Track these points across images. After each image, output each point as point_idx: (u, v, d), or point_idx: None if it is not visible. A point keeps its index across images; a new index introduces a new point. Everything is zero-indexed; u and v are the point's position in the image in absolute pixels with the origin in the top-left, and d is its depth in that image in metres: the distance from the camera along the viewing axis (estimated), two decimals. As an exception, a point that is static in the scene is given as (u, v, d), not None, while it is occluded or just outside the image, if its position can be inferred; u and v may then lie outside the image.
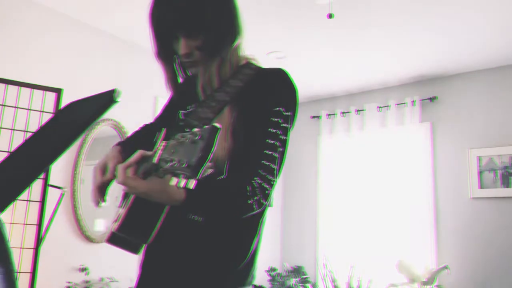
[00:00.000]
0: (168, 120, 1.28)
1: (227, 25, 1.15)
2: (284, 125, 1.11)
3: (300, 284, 4.70)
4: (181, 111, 1.22)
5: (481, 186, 4.11)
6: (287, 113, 1.12)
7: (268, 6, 3.38)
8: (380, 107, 4.76)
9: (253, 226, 1.16)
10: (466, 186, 4.19)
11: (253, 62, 1.21)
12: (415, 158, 4.48)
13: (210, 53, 1.13)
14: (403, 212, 4.43)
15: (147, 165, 0.92)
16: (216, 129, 0.79)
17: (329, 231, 4.88)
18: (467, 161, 4.22)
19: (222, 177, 1.07)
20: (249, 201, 1.03)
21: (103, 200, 1.16)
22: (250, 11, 3.46)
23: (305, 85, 4.92)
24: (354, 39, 3.85)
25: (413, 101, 4.55)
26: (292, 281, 4.72)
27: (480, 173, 4.13)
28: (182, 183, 0.80)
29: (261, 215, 1.17)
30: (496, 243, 3.97)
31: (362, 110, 4.88)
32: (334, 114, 5.06)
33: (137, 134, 1.35)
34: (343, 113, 5.00)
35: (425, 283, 3.88)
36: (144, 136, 1.31)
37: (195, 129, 0.81)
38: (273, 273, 4.80)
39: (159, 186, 0.93)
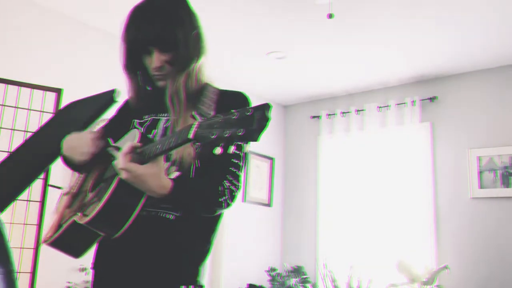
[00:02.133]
0: (121, 124, 1.39)
1: (195, 44, 1.29)
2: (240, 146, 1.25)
3: (300, 284, 4.70)
4: (135, 120, 1.35)
5: (481, 186, 4.11)
6: None
7: (268, 6, 3.38)
8: (380, 107, 4.76)
9: (213, 226, 1.30)
10: (466, 186, 4.19)
11: (211, 84, 1.34)
12: (415, 158, 4.48)
13: (179, 67, 1.27)
14: (403, 212, 4.43)
15: (178, 138, 0.99)
16: (269, 106, 0.88)
17: (329, 231, 4.88)
18: (467, 161, 4.21)
19: (190, 176, 1.21)
20: (220, 199, 1.19)
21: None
22: (250, 11, 3.46)
23: (305, 85, 4.92)
24: (354, 39, 3.85)
25: (413, 101, 4.55)
26: (292, 281, 4.72)
27: (480, 173, 4.13)
28: (231, 149, 0.87)
29: (219, 216, 1.31)
30: (496, 243, 3.97)
31: (362, 110, 4.87)
32: (334, 114, 5.06)
33: (105, 127, 1.46)
34: (343, 113, 5.00)
35: (425, 283, 3.88)
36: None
37: (239, 109, 0.90)
38: (273, 273, 4.80)
39: (155, 170, 1.07)
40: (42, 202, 2.81)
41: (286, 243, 5.22)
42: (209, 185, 1.20)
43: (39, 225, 2.79)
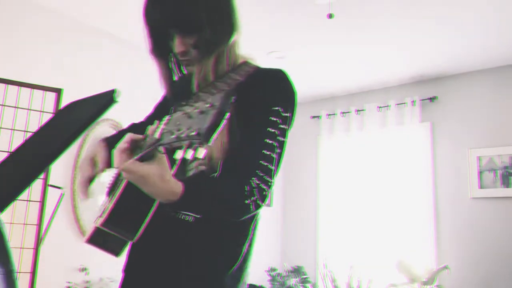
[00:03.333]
0: (158, 118, 1.26)
1: (222, 22, 1.12)
2: (282, 126, 1.08)
3: (300, 284, 4.70)
4: (172, 108, 1.20)
5: (481, 186, 4.11)
6: (286, 114, 1.09)
7: (268, 6, 3.38)
8: (380, 107, 4.76)
9: (245, 229, 1.13)
10: (466, 186, 4.19)
11: (251, 62, 1.20)
12: (415, 158, 4.48)
13: (206, 51, 1.10)
14: (403, 212, 4.43)
15: (147, 143, 0.85)
16: (230, 94, 0.74)
17: (329, 231, 4.88)
18: (467, 161, 4.22)
19: (216, 175, 1.04)
20: (247, 201, 1.00)
21: (87, 196, 1.14)
22: (250, 11, 3.46)
23: (305, 85, 4.92)
24: (354, 39, 3.85)
25: (413, 101, 4.55)
26: (292, 281, 4.72)
27: (480, 173, 4.13)
28: (189, 154, 0.72)
29: (253, 217, 1.13)
30: (496, 243, 3.97)
31: (362, 110, 4.87)
32: (334, 114, 5.06)
33: (123, 131, 1.32)
34: (343, 113, 5.00)
35: (425, 283, 3.87)
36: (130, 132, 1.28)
37: (203, 101, 0.75)
38: (273, 273, 4.80)
39: (159, 171, 0.88)
40: (42, 202, 2.81)
41: (286, 243, 5.22)
42: (232, 186, 1.00)
43: (39, 225, 2.79)
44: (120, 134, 1.29)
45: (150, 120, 1.33)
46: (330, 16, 3.03)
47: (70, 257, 3.37)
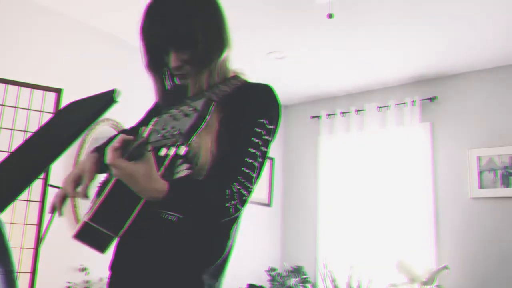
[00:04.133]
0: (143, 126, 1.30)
1: (215, 39, 1.21)
2: (266, 137, 1.16)
3: (300, 284, 4.70)
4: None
5: (481, 186, 4.11)
6: (270, 126, 1.18)
7: (268, 6, 3.38)
8: (380, 107, 4.76)
9: (226, 230, 1.19)
10: (466, 186, 4.19)
11: (241, 75, 1.27)
12: (415, 158, 4.48)
13: (199, 66, 1.18)
14: (403, 212, 4.43)
15: (136, 143, 0.92)
16: (210, 101, 0.83)
17: (329, 231, 4.88)
18: (467, 161, 4.21)
19: (203, 178, 1.11)
20: (227, 204, 1.06)
21: (60, 213, 1.27)
22: (250, 12, 3.46)
23: (305, 85, 4.92)
24: (354, 39, 3.85)
25: (413, 101, 4.55)
26: (292, 281, 4.72)
27: (480, 173, 4.13)
28: (172, 151, 0.80)
29: (234, 221, 1.20)
30: (496, 243, 3.97)
31: (362, 110, 4.87)
32: (334, 114, 5.06)
33: (114, 137, 1.36)
34: (343, 113, 5.00)
35: (425, 283, 3.87)
36: None
37: (188, 105, 0.83)
38: (273, 273, 4.80)
39: (146, 170, 0.95)
40: (42, 202, 2.81)
41: (286, 243, 5.22)
42: (214, 189, 1.07)
43: (39, 225, 2.79)
44: (111, 140, 1.35)
45: (140, 125, 1.39)
46: (330, 16, 3.03)
47: (70, 257, 3.37)
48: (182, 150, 0.81)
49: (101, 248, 1.11)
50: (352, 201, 4.76)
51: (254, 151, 1.13)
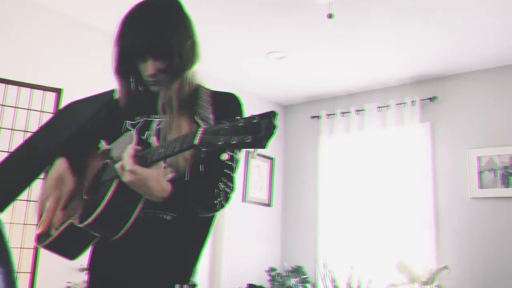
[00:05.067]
0: (110, 124, 1.37)
1: (190, 52, 1.29)
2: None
3: (300, 284, 4.70)
4: (127, 121, 1.34)
5: (481, 186, 4.11)
6: None
7: (268, 6, 3.38)
8: (380, 107, 4.76)
9: (208, 227, 1.32)
10: (466, 186, 4.19)
11: (204, 85, 1.35)
12: (415, 158, 4.48)
13: (173, 75, 1.27)
14: (403, 212, 4.43)
15: (183, 143, 1.00)
16: (275, 114, 0.90)
17: (329, 231, 4.88)
18: (467, 161, 4.21)
19: (185, 179, 1.23)
20: (215, 201, 1.21)
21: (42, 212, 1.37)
22: (250, 12, 3.46)
23: (305, 85, 4.92)
24: (354, 39, 3.85)
25: (413, 101, 4.55)
26: (292, 281, 4.72)
27: (480, 173, 4.13)
28: (238, 155, 0.95)
29: (213, 218, 1.33)
30: (496, 243, 3.97)
31: (362, 110, 4.87)
32: (334, 114, 5.06)
33: (76, 137, 1.43)
34: (343, 113, 5.00)
35: (425, 283, 3.88)
36: (86, 140, 1.38)
37: (245, 117, 0.92)
38: (273, 273, 4.79)
39: (158, 174, 1.09)
40: (42, 202, 2.81)
41: (286, 243, 5.22)
42: (205, 187, 1.22)
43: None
44: (75, 143, 1.39)
45: (103, 123, 1.44)
46: (330, 16, 3.03)
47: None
48: (255, 154, 0.95)
49: (72, 256, 1.21)
50: (352, 201, 4.76)
51: (232, 153, 1.26)
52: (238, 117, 0.91)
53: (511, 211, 3.96)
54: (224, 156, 0.91)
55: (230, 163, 1.26)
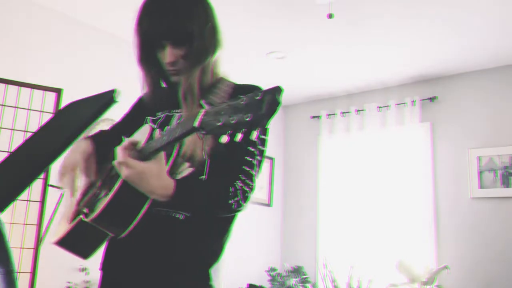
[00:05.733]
0: (135, 121, 1.34)
1: (210, 37, 1.23)
2: (262, 136, 1.21)
3: (300, 284, 4.70)
4: (149, 117, 1.31)
5: (481, 186, 4.11)
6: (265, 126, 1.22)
7: (268, 6, 3.38)
8: (380, 107, 4.76)
9: (227, 227, 1.24)
10: (466, 186, 4.19)
11: (227, 78, 1.30)
12: (415, 158, 4.48)
13: (194, 62, 1.21)
14: (403, 212, 4.43)
15: (183, 128, 0.93)
16: (280, 89, 0.82)
17: (329, 231, 4.88)
18: (467, 161, 4.21)
19: (203, 177, 1.16)
20: (230, 201, 1.12)
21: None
22: (251, 11, 3.46)
23: (305, 85, 4.92)
24: (354, 39, 3.85)
25: (413, 101, 4.55)
26: (292, 281, 4.72)
27: (480, 173, 4.13)
28: (238, 137, 0.80)
29: (233, 217, 1.24)
30: (496, 243, 3.97)
31: (362, 110, 4.87)
32: (334, 114, 5.06)
33: (103, 132, 1.41)
34: (343, 113, 5.00)
35: (425, 283, 3.87)
36: (112, 136, 1.35)
37: (249, 94, 0.83)
38: (273, 273, 4.79)
39: (157, 169, 1.02)
40: (42, 202, 2.81)
41: (286, 243, 5.22)
42: (218, 186, 1.14)
43: (39, 225, 2.79)
44: (101, 135, 1.37)
45: (127, 120, 1.43)
46: (330, 16, 3.03)
47: (70, 257, 3.35)
48: (254, 135, 0.81)
49: (84, 255, 1.13)
50: (352, 201, 4.76)
51: (252, 149, 1.18)
52: (242, 96, 0.83)
53: (511, 211, 3.96)
54: (223, 139, 0.80)
55: (250, 159, 1.17)
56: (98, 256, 1.23)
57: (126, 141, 1.04)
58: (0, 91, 2.85)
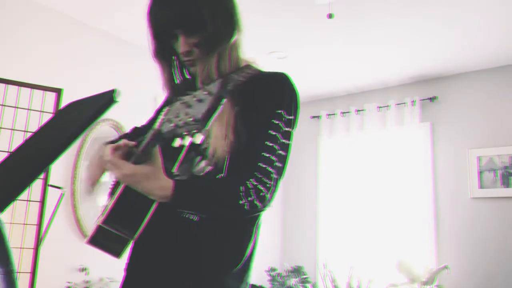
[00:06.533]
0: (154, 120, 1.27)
1: (224, 21, 1.14)
2: (286, 128, 1.10)
3: (300, 284, 4.70)
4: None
5: (481, 186, 4.11)
6: (289, 117, 1.12)
7: (269, 6, 3.38)
8: (380, 107, 4.76)
9: (248, 229, 1.15)
10: (466, 186, 4.19)
11: (254, 65, 1.21)
12: (415, 158, 4.48)
13: (208, 49, 1.12)
14: (403, 212, 4.43)
15: (148, 136, 0.89)
16: (226, 83, 0.77)
17: (329, 231, 4.88)
18: (467, 161, 4.21)
19: (221, 175, 1.08)
20: (241, 202, 1.01)
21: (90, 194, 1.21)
22: (251, 11, 3.46)
23: (305, 85, 4.92)
24: (354, 39, 3.85)
25: (413, 101, 4.55)
26: (292, 281, 4.72)
27: (480, 173, 4.13)
28: (187, 141, 0.76)
29: (256, 218, 1.15)
30: (496, 243, 3.97)
31: (362, 110, 4.87)
32: (334, 114, 5.06)
33: (126, 135, 1.35)
34: (343, 113, 5.00)
35: (425, 283, 3.87)
36: (133, 137, 1.29)
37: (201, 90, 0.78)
38: (273, 273, 4.79)
39: (149, 170, 0.95)
40: (42, 202, 2.81)
41: (286, 243, 5.22)
42: (226, 185, 1.05)
43: (39, 225, 2.79)
44: (125, 136, 1.32)
45: (151, 123, 1.35)
46: (330, 16, 3.03)
47: (70, 257, 3.37)
48: (199, 138, 0.76)
49: (117, 252, 1.06)
50: (352, 201, 4.76)
51: (271, 144, 1.07)
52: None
53: (511, 211, 3.96)
54: (176, 143, 0.77)
55: (268, 155, 1.05)
56: (98, 256, 1.22)
57: (121, 141, 1.00)
58: (0, 91, 2.85)
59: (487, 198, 4.08)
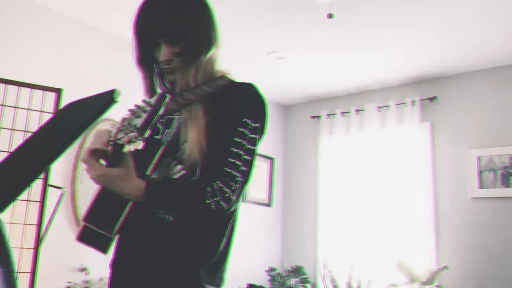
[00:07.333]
0: None
1: (203, 35, 1.25)
2: (251, 135, 1.20)
3: (300, 284, 4.70)
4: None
5: (481, 186, 4.11)
6: (255, 124, 1.21)
7: (268, 6, 3.38)
8: (380, 107, 4.76)
9: (222, 227, 1.23)
10: (466, 186, 4.19)
11: (227, 75, 1.29)
12: (415, 158, 4.48)
13: (187, 59, 1.23)
14: (403, 212, 4.42)
15: (110, 146, 1.02)
16: (164, 96, 0.92)
17: (329, 231, 4.88)
18: (467, 161, 4.21)
19: (194, 178, 1.18)
20: (207, 201, 1.11)
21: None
22: (250, 11, 3.46)
23: (305, 85, 4.92)
24: (354, 39, 3.85)
25: (413, 101, 4.55)
26: (292, 281, 4.72)
27: (480, 173, 4.13)
28: (132, 146, 0.89)
29: (230, 218, 1.24)
30: (496, 243, 3.97)
31: (362, 110, 4.87)
32: (334, 114, 5.06)
33: None
34: (343, 113, 5.00)
35: (425, 283, 3.87)
36: None
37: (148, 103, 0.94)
38: (273, 273, 4.79)
39: (121, 172, 1.06)
40: (42, 202, 2.81)
41: (286, 243, 5.22)
42: (194, 186, 1.14)
43: (39, 225, 2.79)
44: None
45: None
46: (330, 16, 3.03)
47: (70, 257, 3.37)
48: (139, 145, 0.90)
49: (103, 248, 1.15)
50: (352, 201, 4.76)
51: (236, 150, 1.16)
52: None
53: (511, 211, 3.96)
54: (126, 148, 0.95)
55: (233, 160, 1.15)
56: (98, 256, 1.23)
57: (97, 146, 1.10)
58: (0, 91, 2.85)
59: (487, 198, 4.08)
